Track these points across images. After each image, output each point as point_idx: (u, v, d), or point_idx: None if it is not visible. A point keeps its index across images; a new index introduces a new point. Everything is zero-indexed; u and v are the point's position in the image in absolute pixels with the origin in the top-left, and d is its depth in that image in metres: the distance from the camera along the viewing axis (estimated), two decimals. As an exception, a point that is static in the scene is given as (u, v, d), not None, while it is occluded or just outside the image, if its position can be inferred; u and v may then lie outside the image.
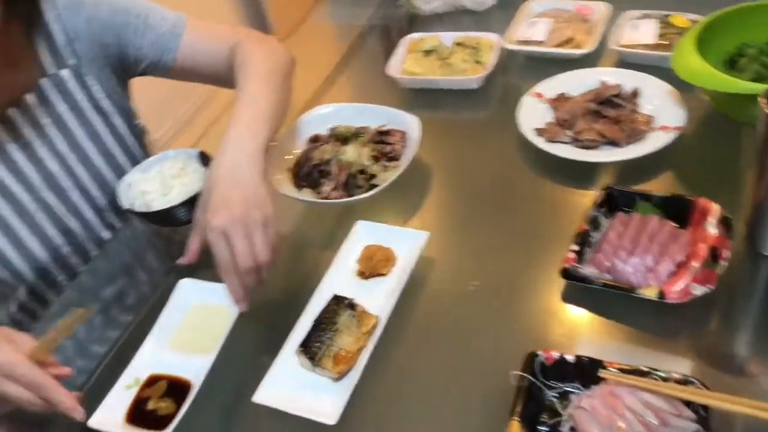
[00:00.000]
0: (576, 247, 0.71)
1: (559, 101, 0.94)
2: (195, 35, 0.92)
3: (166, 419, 0.65)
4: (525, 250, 0.77)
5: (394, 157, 0.90)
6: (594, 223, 0.74)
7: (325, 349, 0.68)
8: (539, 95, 0.96)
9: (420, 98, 1.05)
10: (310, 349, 0.68)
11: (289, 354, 0.69)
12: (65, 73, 0.88)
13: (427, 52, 1.09)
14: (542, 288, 0.71)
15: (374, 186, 0.86)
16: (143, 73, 0.95)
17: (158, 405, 0.68)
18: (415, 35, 1.13)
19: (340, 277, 0.77)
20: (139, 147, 0.98)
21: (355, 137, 0.94)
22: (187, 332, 0.75)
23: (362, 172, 0.89)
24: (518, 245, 0.78)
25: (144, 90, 1.03)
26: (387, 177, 0.86)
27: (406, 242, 0.78)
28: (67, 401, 0.61)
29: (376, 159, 0.90)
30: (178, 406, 0.66)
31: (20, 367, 0.61)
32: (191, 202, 0.85)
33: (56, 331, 0.66)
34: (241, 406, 0.67)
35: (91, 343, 0.80)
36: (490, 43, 1.07)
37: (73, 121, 0.89)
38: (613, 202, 0.76)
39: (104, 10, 0.88)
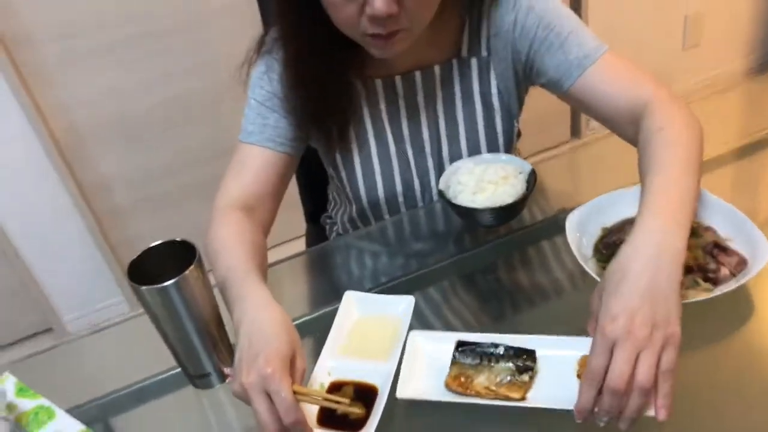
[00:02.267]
0: None
1: None
2: (600, 75, 0.86)
3: (358, 423, 0.68)
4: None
5: (713, 280, 0.76)
6: None
7: (466, 365, 0.70)
8: None
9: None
10: (463, 350, 0.68)
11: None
12: (473, 62, 0.95)
13: None
14: None
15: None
16: (542, 86, 0.95)
17: (348, 409, 0.68)
18: None
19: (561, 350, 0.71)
20: (503, 146, 1.00)
21: (693, 234, 0.80)
22: (359, 340, 0.78)
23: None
24: None
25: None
26: (687, 296, 0.73)
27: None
28: None
29: (689, 270, 0.76)
30: (367, 409, 0.69)
31: (281, 393, 0.61)
32: (488, 212, 0.88)
33: (325, 395, 0.69)
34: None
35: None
36: None
37: (459, 103, 0.97)
38: None
39: (532, 19, 0.89)
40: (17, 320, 2.03)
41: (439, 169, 0.99)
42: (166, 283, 0.69)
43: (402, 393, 0.69)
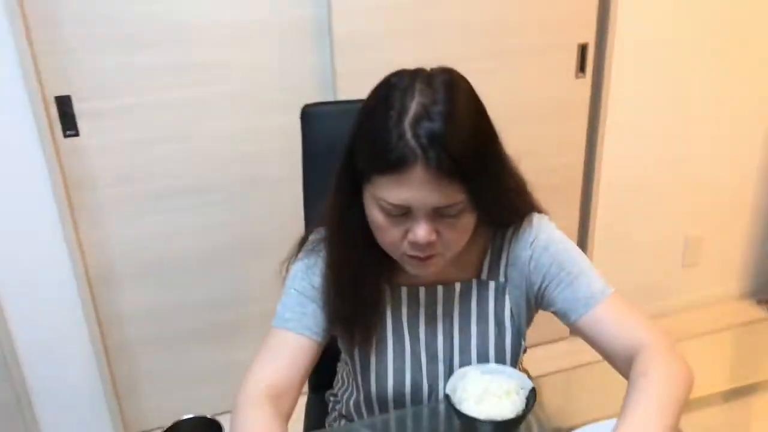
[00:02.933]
0: None
1: None
2: (603, 315, 0.96)
3: None
4: None
5: None
6: None
7: None
8: None
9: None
10: None
11: None
12: (492, 285, 1.05)
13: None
14: None
15: None
16: (551, 313, 1.05)
17: None
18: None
19: None
20: (509, 361, 1.07)
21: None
22: None
23: None
24: None
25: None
26: None
27: None
28: None
29: None
30: None
31: None
32: (489, 425, 0.94)
33: None
34: None
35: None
36: None
37: (474, 320, 1.06)
38: None
39: (546, 258, 1.00)
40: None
41: (448, 377, 1.05)
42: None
43: None
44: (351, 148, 0.91)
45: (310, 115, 1.39)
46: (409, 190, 0.84)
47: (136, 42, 1.75)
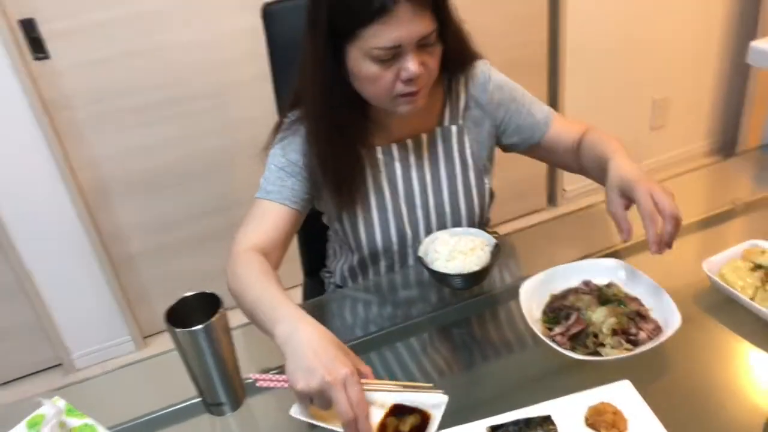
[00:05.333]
0: None
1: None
2: (558, 127, 1.21)
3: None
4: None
5: (633, 342, 0.94)
6: None
7: None
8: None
9: (716, 301, 1.03)
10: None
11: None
12: (453, 129, 1.19)
13: (757, 267, 1.03)
14: None
15: (596, 354, 0.93)
16: (510, 146, 1.24)
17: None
18: (761, 243, 1.08)
19: (563, 407, 0.87)
20: (478, 202, 1.22)
21: (617, 303, 1.00)
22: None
23: (596, 336, 0.96)
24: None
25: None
26: (611, 354, 0.92)
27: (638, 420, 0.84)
28: None
29: (615, 333, 0.95)
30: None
31: (355, 388, 0.80)
32: (459, 278, 1.07)
33: (398, 385, 0.87)
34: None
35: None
36: (830, 293, 0.97)
37: (442, 163, 1.20)
38: None
39: (503, 96, 1.20)
40: (29, 354, 2.18)
41: (426, 219, 1.20)
42: (195, 328, 0.87)
43: None
44: (319, 20, 0.99)
45: (271, 14, 1.43)
46: (397, 28, 0.95)
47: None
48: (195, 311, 0.90)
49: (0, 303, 2.06)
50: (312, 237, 1.46)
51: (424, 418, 0.88)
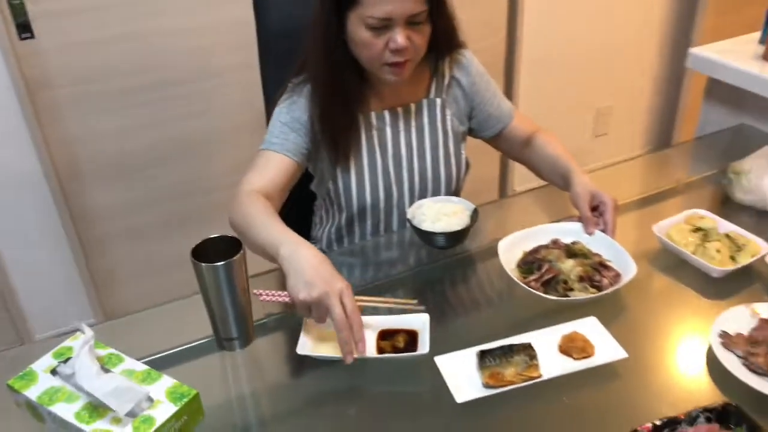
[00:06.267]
0: None
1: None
2: (518, 121, 1.42)
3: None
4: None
5: (597, 287, 1.10)
6: None
7: (493, 366, 0.95)
8: (756, 313, 1.03)
9: (664, 257, 1.20)
10: (486, 357, 0.96)
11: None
12: (438, 101, 1.34)
13: (697, 230, 1.21)
14: None
15: (565, 296, 1.08)
16: (475, 130, 1.41)
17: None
18: (700, 211, 1.26)
19: (540, 336, 1.01)
20: (455, 168, 1.37)
21: (582, 257, 1.15)
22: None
23: (565, 282, 1.10)
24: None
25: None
26: (579, 296, 1.07)
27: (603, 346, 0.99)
28: (360, 345, 0.93)
29: (581, 279, 1.10)
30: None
31: (350, 299, 0.93)
32: (443, 235, 1.20)
33: (385, 300, 1.03)
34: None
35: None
36: (757, 249, 1.15)
37: (427, 130, 1.34)
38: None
39: (482, 82, 1.38)
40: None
41: (411, 181, 1.34)
42: (219, 263, 0.96)
43: (460, 398, 0.93)
44: None
45: (262, 3, 1.54)
46: (390, 3, 1.10)
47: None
48: (217, 252, 0.99)
49: (-37, 282, 2.05)
50: (296, 211, 1.56)
51: (411, 335, 1.02)
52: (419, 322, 1.03)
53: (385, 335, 1.03)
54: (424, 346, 0.99)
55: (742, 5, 2.75)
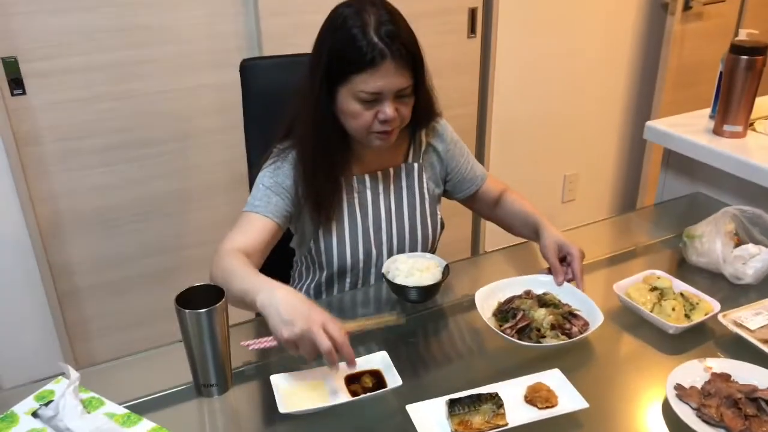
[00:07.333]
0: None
1: (719, 379, 1.07)
2: (489, 184, 1.52)
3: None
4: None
5: (568, 335, 1.16)
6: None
7: (462, 414, 1.00)
8: (709, 368, 1.10)
9: (624, 314, 1.27)
10: (455, 405, 1.00)
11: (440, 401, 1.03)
12: (415, 166, 1.42)
13: (654, 289, 1.29)
14: None
15: (539, 343, 1.15)
16: (450, 192, 1.51)
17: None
18: (657, 272, 1.34)
19: (507, 386, 1.06)
20: (431, 229, 1.45)
21: (553, 306, 1.22)
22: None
23: (538, 330, 1.17)
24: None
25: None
26: (551, 342, 1.15)
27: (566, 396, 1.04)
28: (351, 363, 1.00)
29: (553, 327, 1.17)
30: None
31: (335, 328, 0.99)
32: (415, 290, 1.26)
33: (367, 320, 1.09)
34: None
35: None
36: (709, 308, 1.23)
37: (405, 193, 1.42)
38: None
39: (456, 150, 1.48)
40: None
41: (389, 241, 1.40)
42: (202, 310, 1.01)
43: None
44: (319, 66, 1.21)
45: (249, 69, 1.63)
46: (381, 79, 1.18)
47: (76, 6, 1.90)
48: (200, 300, 1.03)
49: (-65, 332, 2.04)
50: (276, 266, 1.60)
51: (375, 375, 1.08)
52: (378, 360, 1.09)
53: (351, 379, 1.08)
54: (395, 380, 1.04)
55: (695, 82, 2.96)
